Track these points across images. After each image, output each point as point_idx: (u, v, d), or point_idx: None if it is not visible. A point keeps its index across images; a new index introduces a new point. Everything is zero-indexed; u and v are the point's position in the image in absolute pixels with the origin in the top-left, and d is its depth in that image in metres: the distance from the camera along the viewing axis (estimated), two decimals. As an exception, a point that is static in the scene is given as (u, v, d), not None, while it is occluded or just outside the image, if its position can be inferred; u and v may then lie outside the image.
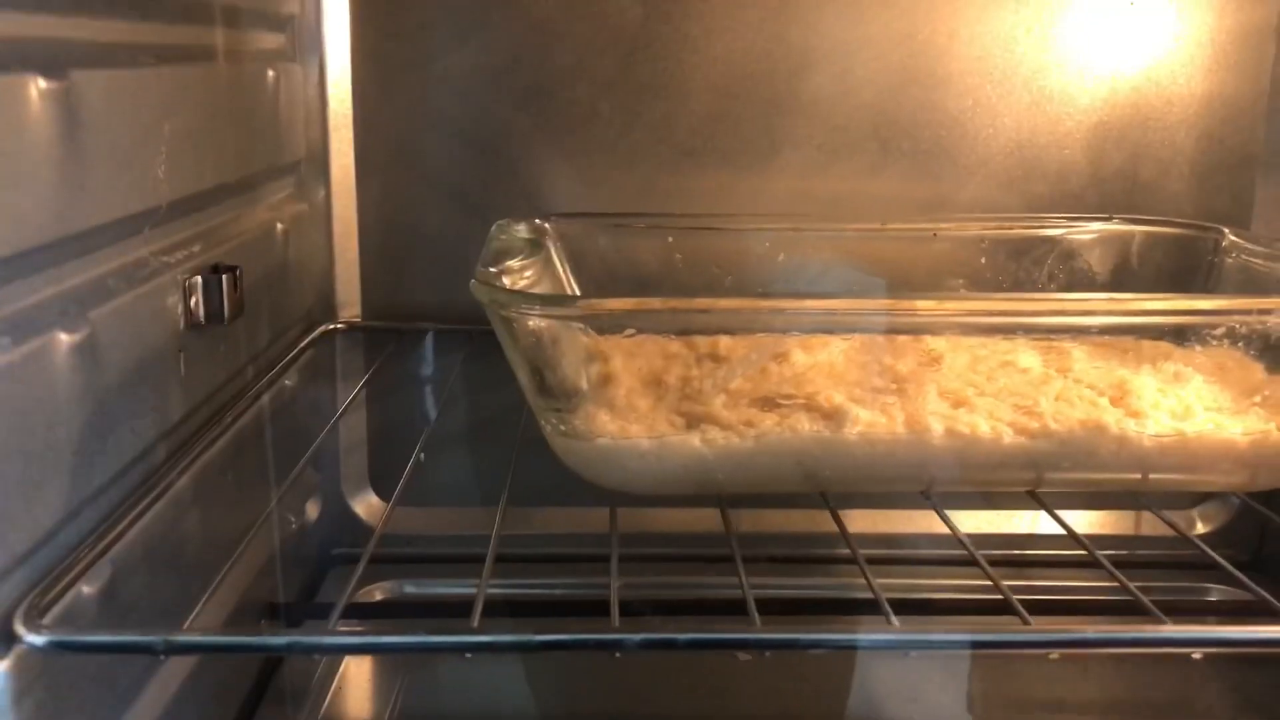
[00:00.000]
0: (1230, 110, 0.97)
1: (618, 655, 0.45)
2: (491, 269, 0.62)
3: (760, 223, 0.88)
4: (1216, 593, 1.01)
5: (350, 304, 0.97)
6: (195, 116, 0.67)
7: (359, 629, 0.61)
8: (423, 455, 0.99)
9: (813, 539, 0.83)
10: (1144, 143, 0.97)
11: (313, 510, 0.95)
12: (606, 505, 0.65)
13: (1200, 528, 1.05)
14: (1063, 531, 0.99)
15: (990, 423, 0.63)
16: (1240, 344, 0.70)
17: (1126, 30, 0.96)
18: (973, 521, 0.97)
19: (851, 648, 0.46)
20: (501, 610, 0.85)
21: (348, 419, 1.00)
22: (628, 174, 0.96)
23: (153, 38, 0.62)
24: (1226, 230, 0.82)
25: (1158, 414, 0.63)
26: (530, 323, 0.58)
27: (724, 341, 0.73)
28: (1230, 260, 0.78)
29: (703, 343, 0.74)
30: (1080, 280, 0.87)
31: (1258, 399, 0.62)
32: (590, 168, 0.96)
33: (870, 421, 0.62)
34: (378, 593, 0.97)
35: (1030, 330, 0.66)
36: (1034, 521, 1.01)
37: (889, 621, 0.48)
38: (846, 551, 0.62)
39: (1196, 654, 0.53)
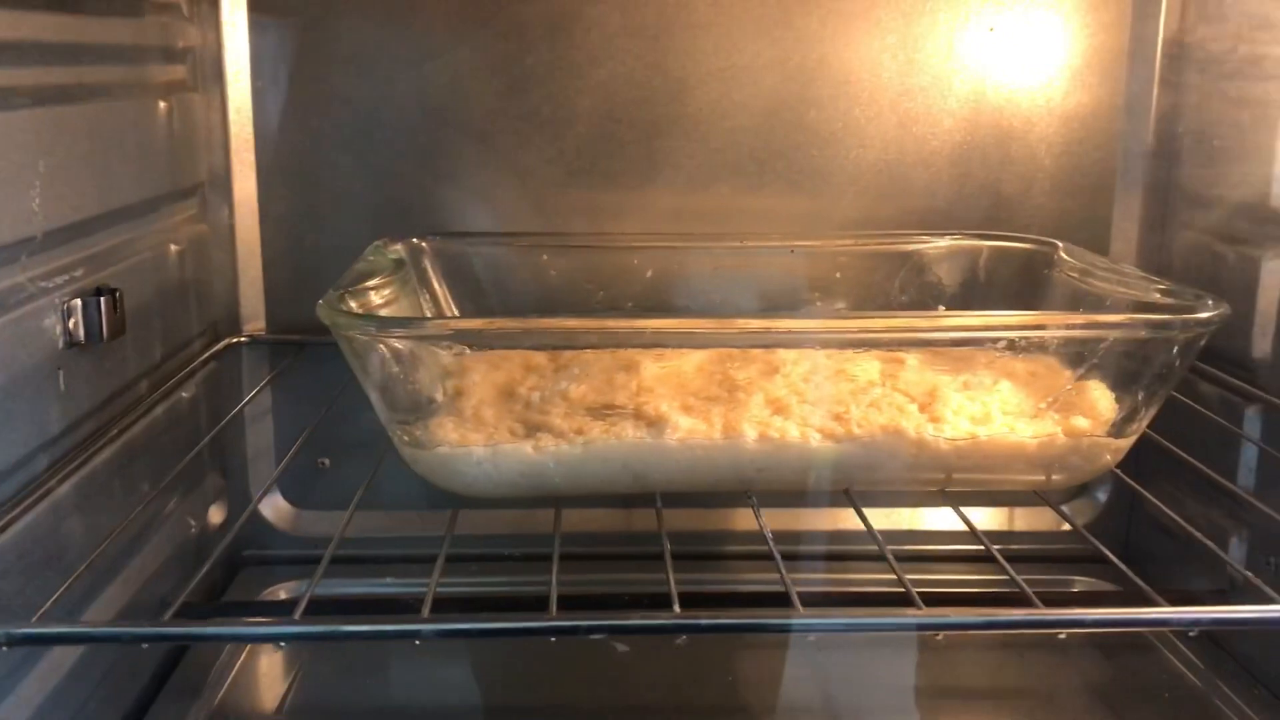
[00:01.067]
0: (1088, 130, 1.03)
1: (417, 643, 0.50)
2: (346, 290, 0.67)
3: (630, 241, 0.94)
4: (1080, 584, 1.07)
5: (255, 318, 1.03)
6: (76, 150, 0.72)
7: (198, 623, 0.65)
8: (326, 461, 1.06)
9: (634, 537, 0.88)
10: (1006, 160, 1.03)
11: (217, 514, 1.00)
12: (448, 508, 0.70)
13: (1067, 524, 1.11)
14: (955, 528, 1.07)
15: (800, 428, 0.68)
16: (1057, 353, 0.76)
17: (987, 54, 1.01)
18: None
19: (627, 632, 0.51)
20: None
21: (256, 426, 1.05)
22: (520, 193, 1.02)
23: (28, 81, 0.67)
24: (1060, 246, 0.88)
25: (958, 419, 0.69)
26: (369, 343, 0.63)
27: (586, 355, 0.79)
28: (1058, 274, 0.84)
29: (566, 356, 0.80)
30: (930, 293, 0.93)
31: (1043, 404, 0.68)
32: (484, 187, 1.01)
33: (691, 428, 0.68)
34: (282, 592, 1.02)
35: (843, 345, 0.71)
36: (922, 517, 1.08)
37: (672, 609, 0.54)
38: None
39: (940, 636, 0.58)
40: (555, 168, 1.01)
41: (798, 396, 0.73)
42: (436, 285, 0.86)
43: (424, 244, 0.87)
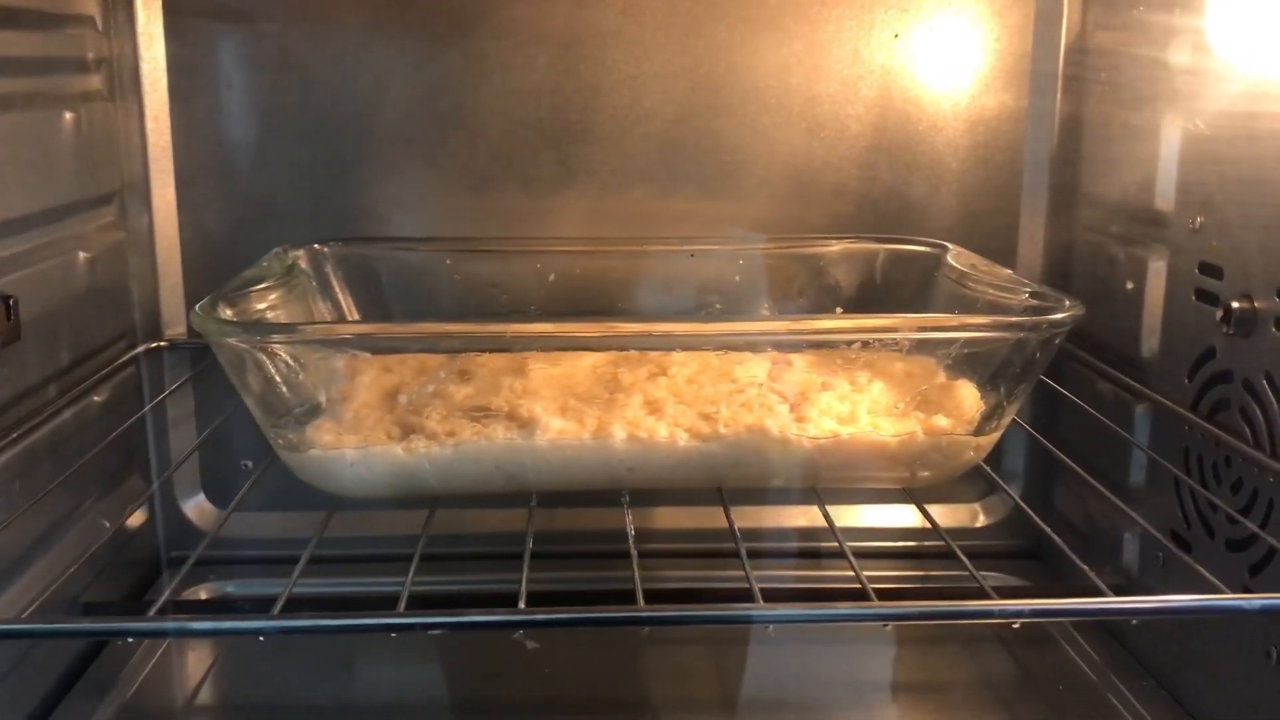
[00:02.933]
0: (993, 133, 1.05)
1: (261, 639, 0.52)
2: (220, 297, 0.69)
3: (533, 245, 0.96)
4: (993, 579, 1.09)
5: (177, 323, 1.04)
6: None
7: (50, 620, 0.66)
8: (249, 463, 1.08)
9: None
10: (914, 165, 1.05)
11: (138, 515, 1.02)
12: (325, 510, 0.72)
13: (983, 519, 1.13)
14: (878, 525, 1.09)
15: (670, 429, 0.70)
16: (934, 354, 0.79)
17: (893, 60, 1.03)
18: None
19: (465, 628, 0.53)
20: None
21: (180, 429, 1.07)
22: (435, 198, 1.04)
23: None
24: (949, 249, 0.90)
25: (824, 419, 0.71)
26: (236, 347, 0.65)
27: (480, 358, 0.81)
28: (941, 277, 0.86)
29: (462, 359, 0.81)
30: (829, 295, 0.95)
31: (900, 405, 0.70)
32: (399, 192, 1.03)
33: (561, 429, 0.70)
34: (203, 592, 1.04)
35: (707, 348, 0.73)
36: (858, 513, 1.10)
37: (518, 605, 0.56)
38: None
39: (770, 630, 0.60)
40: (470, 174, 1.03)
41: (675, 397, 0.75)
42: (338, 291, 0.88)
43: (325, 249, 0.89)
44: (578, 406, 0.73)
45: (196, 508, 1.08)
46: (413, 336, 0.68)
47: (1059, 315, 0.67)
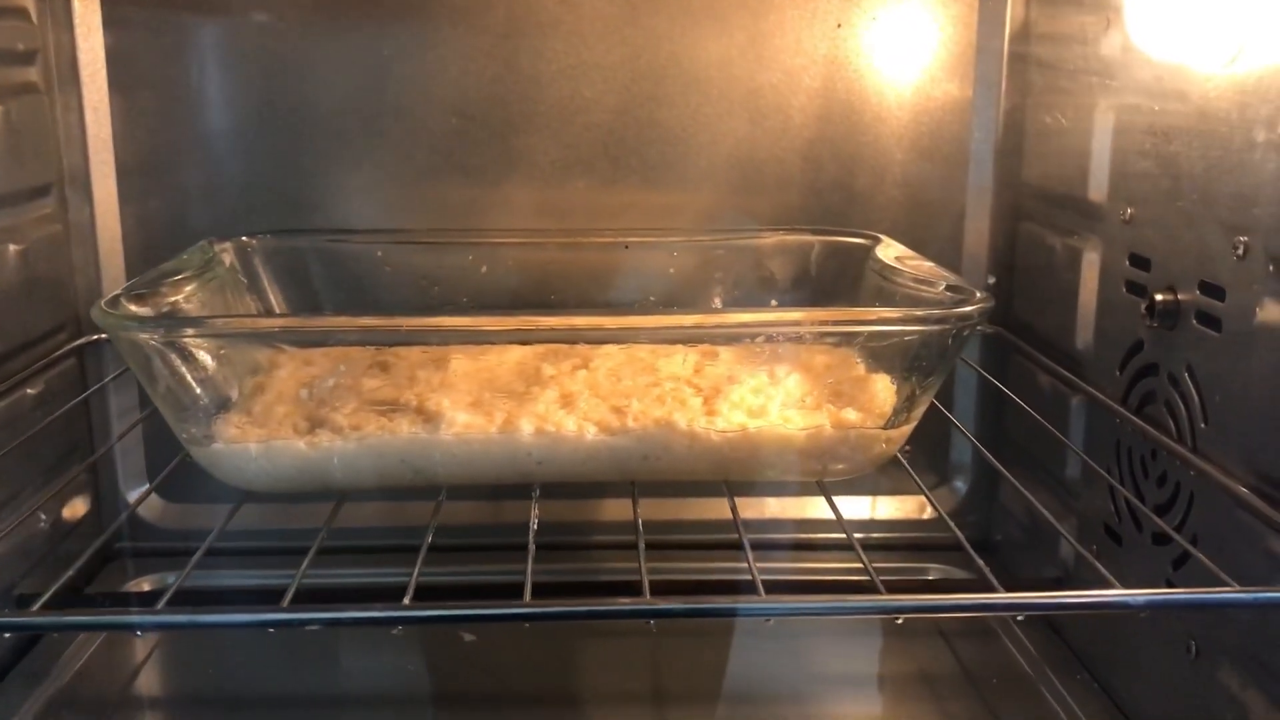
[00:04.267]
0: (939, 125, 1.04)
1: (138, 635, 0.52)
2: (123, 292, 0.69)
3: (465, 237, 0.95)
4: (935, 571, 1.09)
5: (120, 315, 1.04)
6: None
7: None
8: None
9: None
10: (858, 157, 1.04)
11: (80, 507, 1.02)
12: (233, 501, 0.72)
13: (930, 511, 1.12)
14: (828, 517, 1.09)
15: (578, 422, 0.70)
16: (854, 347, 0.78)
17: (836, 50, 1.03)
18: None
19: (344, 624, 0.53)
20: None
21: (125, 421, 1.07)
22: (377, 190, 1.03)
23: None
24: (880, 241, 0.89)
25: (735, 412, 0.71)
26: (130, 341, 0.65)
27: (402, 351, 0.81)
28: (868, 269, 0.86)
29: (386, 352, 0.81)
30: (764, 286, 0.94)
31: (809, 399, 0.70)
32: (340, 184, 1.03)
33: (468, 423, 0.70)
34: (146, 584, 1.04)
35: (603, 341, 0.73)
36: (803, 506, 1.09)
37: (401, 601, 0.56)
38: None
39: (652, 624, 0.60)
40: (411, 165, 1.03)
41: (591, 391, 0.74)
42: (266, 284, 0.88)
43: (254, 241, 0.89)
44: (490, 400, 0.73)
45: (143, 501, 1.08)
46: (309, 331, 0.68)
47: (964, 309, 0.67)
